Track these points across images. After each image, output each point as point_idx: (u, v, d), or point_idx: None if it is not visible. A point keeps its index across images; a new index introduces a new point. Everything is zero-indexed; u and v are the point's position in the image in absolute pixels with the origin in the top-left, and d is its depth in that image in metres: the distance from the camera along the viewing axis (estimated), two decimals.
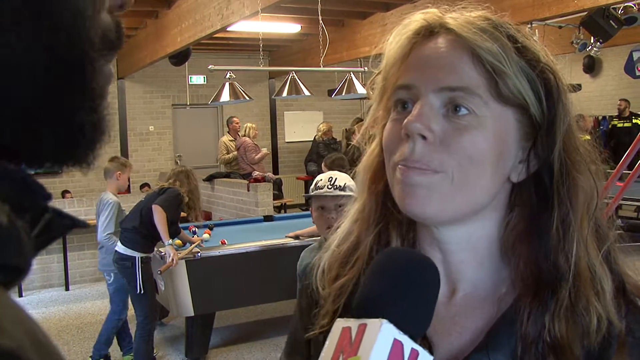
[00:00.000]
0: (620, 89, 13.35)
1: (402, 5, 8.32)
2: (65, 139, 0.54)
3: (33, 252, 0.52)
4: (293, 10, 8.91)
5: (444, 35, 0.80)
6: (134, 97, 12.68)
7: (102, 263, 5.46)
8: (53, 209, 0.54)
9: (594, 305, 0.76)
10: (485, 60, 0.77)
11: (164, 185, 5.31)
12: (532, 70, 0.78)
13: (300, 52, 11.82)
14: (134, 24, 9.99)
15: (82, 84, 0.54)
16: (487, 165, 0.77)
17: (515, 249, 0.82)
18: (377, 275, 0.71)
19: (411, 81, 0.80)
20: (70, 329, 6.57)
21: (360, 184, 0.92)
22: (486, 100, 0.77)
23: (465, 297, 0.84)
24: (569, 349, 0.75)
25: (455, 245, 0.83)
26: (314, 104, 13.72)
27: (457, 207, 0.78)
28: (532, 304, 0.78)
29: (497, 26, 0.79)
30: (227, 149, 10.58)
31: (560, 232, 0.78)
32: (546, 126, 0.79)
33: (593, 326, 0.75)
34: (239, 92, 7.02)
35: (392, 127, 0.82)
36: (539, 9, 6.70)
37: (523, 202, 0.82)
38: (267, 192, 8.41)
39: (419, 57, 0.81)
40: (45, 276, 8.23)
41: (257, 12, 6.26)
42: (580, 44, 8.71)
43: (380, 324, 0.64)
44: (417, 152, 0.77)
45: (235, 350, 5.82)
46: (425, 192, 0.77)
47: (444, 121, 0.77)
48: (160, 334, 6.33)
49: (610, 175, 4.09)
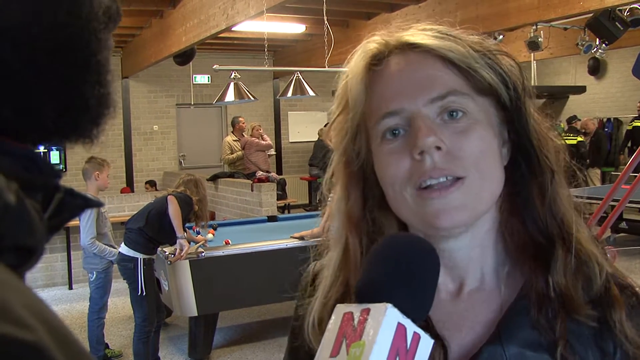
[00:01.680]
0: (625, 91, 13.32)
1: (407, 6, 8.32)
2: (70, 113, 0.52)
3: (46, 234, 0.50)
4: (298, 11, 8.92)
5: (402, 54, 0.82)
6: (138, 96, 12.69)
7: (85, 262, 5.44)
8: (65, 187, 0.52)
9: (590, 251, 0.82)
10: (457, 61, 0.80)
11: (174, 191, 5.19)
12: (490, 59, 0.82)
13: (304, 53, 11.83)
14: (138, 23, 10.01)
15: (87, 57, 0.52)
16: (495, 156, 0.81)
17: (507, 227, 0.86)
18: (378, 260, 0.72)
19: (397, 106, 0.80)
20: (74, 328, 6.57)
21: (337, 230, 0.89)
22: (472, 96, 0.80)
23: (473, 292, 0.86)
24: (574, 299, 0.78)
25: (462, 242, 0.84)
26: (319, 104, 13.71)
27: (485, 204, 0.81)
28: (535, 269, 0.82)
29: (444, 32, 0.83)
30: (231, 148, 10.58)
31: (546, 195, 0.83)
32: (516, 104, 0.83)
33: (596, 269, 0.80)
34: (243, 92, 7.02)
35: (391, 156, 0.81)
36: (545, 11, 6.69)
37: (506, 181, 0.85)
38: (271, 193, 8.42)
39: (388, 82, 0.82)
40: (49, 275, 8.24)
41: (262, 12, 6.26)
42: (585, 45, 8.71)
43: (385, 308, 0.64)
44: (438, 164, 0.77)
45: (238, 350, 5.82)
46: (462, 204, 0.78)
47: (445, 129, 0.79)
48: (164, 333, 6.33)
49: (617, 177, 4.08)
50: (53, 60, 0.50)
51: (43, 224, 0.49)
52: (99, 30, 0.53)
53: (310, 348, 0.86)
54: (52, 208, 0.51)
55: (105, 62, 0.55)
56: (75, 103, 0.52)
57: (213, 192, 9.72)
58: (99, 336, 5.46)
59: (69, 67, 0.51)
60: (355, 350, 0.63)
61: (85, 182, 5.41)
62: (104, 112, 0.55)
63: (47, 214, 0.50)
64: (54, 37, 0.49)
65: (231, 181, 9.43)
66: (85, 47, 0.52)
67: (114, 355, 5.67)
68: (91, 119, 0.54)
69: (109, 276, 5.45)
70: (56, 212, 0.51)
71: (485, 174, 0.79)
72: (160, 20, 9.29)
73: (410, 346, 0.64)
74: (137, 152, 12.62)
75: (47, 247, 2.15)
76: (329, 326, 0.67)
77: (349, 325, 0.65)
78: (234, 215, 8.73)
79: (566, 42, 9.57)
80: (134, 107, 12.60)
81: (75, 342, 0.45)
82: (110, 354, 5.62)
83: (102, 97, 0.54)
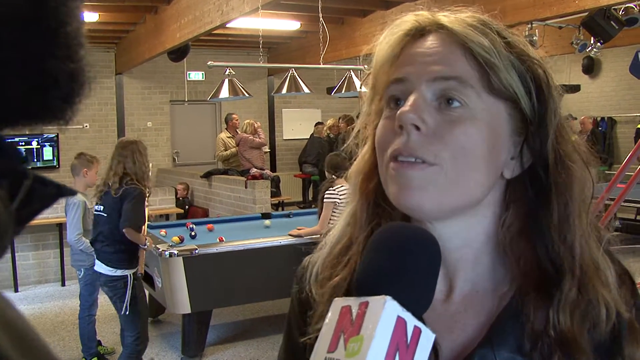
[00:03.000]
0: (619, 90, 13.36)
1: (403, 3, 8.30)
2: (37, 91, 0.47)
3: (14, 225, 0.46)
4: (293, 8, 8.89)
5: (435, 32, 0.82)
6: (132, 92, 12.65)
7: (73, 259, 5.41)
8: (34, 174, 0.47)
9: (601, 294, 0.77)
10: (476, 53, 0.78)
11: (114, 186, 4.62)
12: (521, 64, 0.80)
13: (299, 50, 11.80)
14: (133, 19, 9.97)
15: (54, 27, 0.47)
16: (481, 158, 0.77)
17: (513, 247, 0.82)
18: (376, 251, 0.70)
19: (404, 74, 0.80)
20: (66, 325, 6.55)
21: (352, 187, 0.91)
22: (478, 92, 0.78)
23: (464, 295, 0.84)
24: (576, 343, 0.75)
25: (451, 242, 0.82)
26: (313, 101, 13.70)
27: (453, 200, 0.78)
28: (536, 299, 0.78)
29: (485, 23, 0.81)
30: (225, 145, 10.55)
31: (560, 224, 0.79)
32: (538, 119, 0.79)
33: (603, 315, 0.76)
34: (238, 89, 7.01)
35: (385, 123, 0.82)
36: (540, 9, 6.69)
37: (518, 200, 0.82)
38: (265, 190, 8.40)
39: (410, 54, 0.82)
40: (41, 271, 8.21)
41: (257, 8, 6.24)
42: (580, 44, 8.71)
43: (384, 301, 0.62)
44: (411, 143, 0.76)
45: (232, 347, 5.80)
46: (420, 186, 0.76)
47: (437, 113, 0.77)
48: (157, 331, 6.32)
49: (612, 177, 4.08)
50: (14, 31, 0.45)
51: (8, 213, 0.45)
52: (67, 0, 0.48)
53: (305, 343, 0.85)
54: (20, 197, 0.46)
55: (76, 34, 0.49)
56: (42, 79, 0.47)
57: (207, 188, 9.70)
58: (91, 333, 5.44)
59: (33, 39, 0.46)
60: (353, 345, 0.61)
61: (73, 178, 5.41)
62: (77, 89, 0.50)
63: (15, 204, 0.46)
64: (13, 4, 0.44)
65: (225, 178, 9.41)
66: (52, 16, 0.46)
67: (106, 352, 5.65)
68: (62, 97, 0.49)
69: (97, 273, 5.40)
70: (26, 202, 0.47)
71: (461, 172, 0.76)
72: (155, 16, 9.25)
73: (410, 340, 0.62)
74: None
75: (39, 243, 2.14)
76: (326, 320, 0.65)
77: (346, 319, 0.63)
78: (228, 212, 8.71)
79: (561, 40, 9.57)
80: (128, 103, 12.55)
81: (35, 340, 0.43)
82: (103, 351, 5.61)
83: (74, 73, 0.49)
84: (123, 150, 4.67)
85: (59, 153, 11.85)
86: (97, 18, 9.42)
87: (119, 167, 4.62)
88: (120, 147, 4.73)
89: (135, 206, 4.59)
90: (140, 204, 4.65)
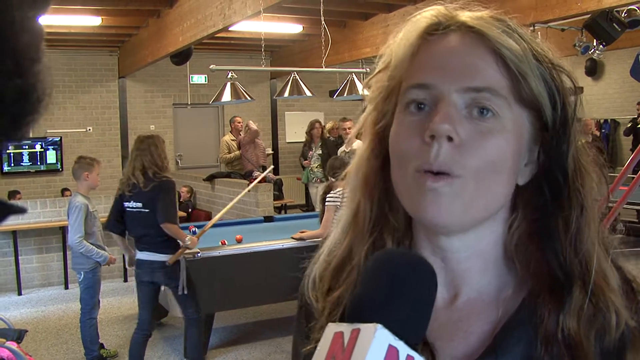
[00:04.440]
0: (622, 93, 13.34)
1: (405, 7, 8.31)
2: None
3: None
4: (295, 11, 8.91)
5: (460, 33, 0.78)
6: (135, 96, 12.67)
7: (74, 262, 5.41)
8: None
9: (611, 300, 0.76)
10: (508, 60, 0.75)
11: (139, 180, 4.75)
12: (548, 72, 0.77)
13: (302, 53, 11.82)
14: (135, 22, 9.99)
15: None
16: (506, 170, 0.76)
17: (519, 250, 0.80)
18: (370, 278, 0.68)
19: (430, 80, 0.76)
20: (70, 328, 6.55)
21: (351, 189, 0.87)
22: (509, 102, 0.75)
23: (469, 302, 0.82)
24: (582, 347, 0.74)
25: (461, 253, 0.81)
26: (315, 104, 13.70)
27: (476, 213, 0.76)
28: (549, 302, 0.77)
29: (511, 27, 0.78)
30: (229, 148, 10.53)
31: (576, 231, 0.77)
32: (560, 128, 0.78)
33: (613, 322, 0.75)
34: (240, 92, 7.01)
35: (407, 130, 0.77)
36: (542, 12, 6.69)
37: (527, 204, 0.81)
38: (268, 193, 8.40)
39: (434, 55, 0.78)
40: (45, 275, 8.22)
41: (259, 12, 6.25)
42: (582, 46, 8.70)
43: (375, 329, 0.61)
44: (442, 156, 0.73)
45: (234, 350, 5.80)
46: (448, 200, 0.74)
47: (467, 123, 0.74)
48: (160, 334, 6.32)
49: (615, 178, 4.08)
50: None
51: None
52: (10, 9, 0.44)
53: (305, 352, 0.84)
54: None
55: (26, 48, 0.46)
56: None
57: (210, 192, 9.70)
58: (93, 336, 5.44)
59: None
60: None
61: (75, 181, 5.44)
62: (28, 107, 0.47)
63: None
64: None
65: (228, 181, 9.41)
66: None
67: (109, 355, 5.65)
68: (10, 116, 0.46)
69: (97, 276, 5.42)
70: None
71: (484, 185, 0.75)
72: (157, 20, 9.27)
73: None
74: None
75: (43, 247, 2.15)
76: (319, 346, 0.64)
77: (338, 345, 0.62)
78: (231, 216, 8.70)
79: (563, 43, 9.56)
80: (131, 107, 12.58)
81: None
82: (105, 354, 5.61)
83: (23, 90, 0.46)
84: (141, 144, 4.82)
85: (63, 156, 11.88)
86: (100, 22, 9.45)
87: (137, 161, 4.77)
88: (138, 142, 4.88)
89: (170, 200, 4.82)
90: (173, 196, 4.92)
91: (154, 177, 4.74)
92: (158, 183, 4.75)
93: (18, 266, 7.91)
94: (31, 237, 8.02)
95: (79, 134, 12.12)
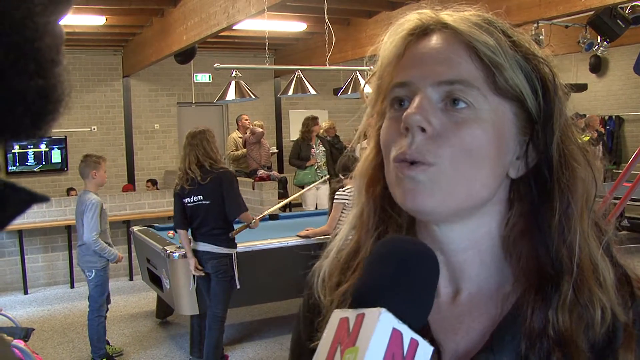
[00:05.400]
0: (626, 89, 13.31)
1: (408, 4, 8.31)
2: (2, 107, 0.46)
3: None
4: (299, 9, 8.91)
5: (438, 32, 0.81)
6: (140, 95, 12.70)
7: (83, 260, 5.43)
8: (6, 182, 0.48)
9: (597, 296, 0.76)
10: (481, 53, 0.77)
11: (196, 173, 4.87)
12: (527, 64, 0.79)
13: (305, 51, 11.82)
14: (139, 22, 10.01)
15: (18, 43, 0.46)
16: (486, 159, 0.77)
17: (516, 246, 0.82)
18: (374, 264, 0.70)
19: (408, 78, 0.79)
20: (76, 327, 6.58)
21: (357, 190, 0.90)
22: (484, 93, 0.77)
23: (470, 297, 0.84)
24: (574, 343, 0.74)
25: (457, 244, 0.82)
26: (319, 102, 13.71)
27: (458, 201, 0.77)
28: (535, 300, 0.77)
29: (490, 22, 0.80)
30: (236, 145, 10.49)
31: (562, 224, 0.78)
32: (543, 118, 0.79)
33: (597, 318, 0.75)
34: (244, 91, 7.02)
35: (390, 125, 0.81)
36: (546, 8, 6.68)
37: (522, 198, 0.82)
38: (272, 191, 8.41)
39: (414, 54, 0.81)
40: (51, 274, 8.25)
41: (263, 10, 6.26)
42: (586, 43, 8.68)
43: (379, 313, 0.63)
44: (415, 145, 0.76)
45: (239, 348, 5.82)
46: (425, 187, 0.76)
47: (442, 115, 0.77)
48: (165, 332, 6.34)
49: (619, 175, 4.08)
50: None
51: None
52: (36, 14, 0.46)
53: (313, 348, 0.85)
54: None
55: (48, 50, 0.48)
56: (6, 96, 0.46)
57: None
58: (100, 334, 5.48)
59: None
60: (349, 356, 0.61)
61: (83, 180, 5.47)
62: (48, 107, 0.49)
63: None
64: None
65: None
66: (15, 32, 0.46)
67: (114, 352, 5.67)
68: (31, 115, 0.48)
69: (106, 274, 5.47)
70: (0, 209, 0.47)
71: (462, 173, 0.76)
72: (161, 18, 9.29)
73: (407, 353, 0.62)
74: (138, 151, 12.62)
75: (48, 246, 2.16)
76: (325, 332, 0.66)
77: (344, 330, 0.64)
78: None
79: (567, 40, 9.54)
80: (135, 105, 12.60)
81: None
82: (111, 352, 5.63)
83: (44, 91, 0.48)
84: (192, 140, 4.93)
85: (68, 156, 11.91)
86: (104, 21, 9.47)
87: (191, 156, 4.90)
88: (189, 137, 4.98)
89: (235, 191, 5.00)
90: (237, 185, 5.05)
91: (211, 168, 4.87)
92: (217, 175, 4.87)
93: (24, 265, 7.94)
94: (37, 236, 8.06)
95: (83, 133, 12.15)
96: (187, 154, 4.92)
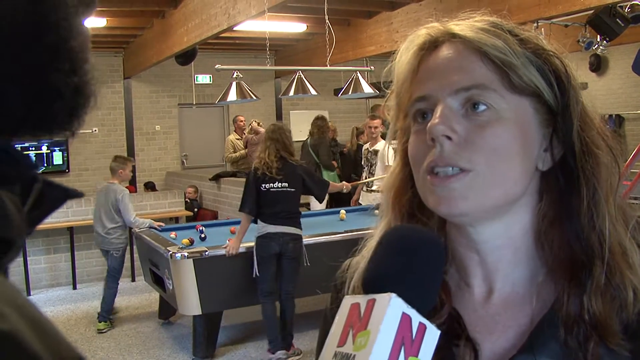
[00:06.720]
0: (626, 88, 13.31)
1: (408, 5, 8.33)
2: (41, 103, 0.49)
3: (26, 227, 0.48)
4: (299, 10, 8.92)
5: (448, 42, 0.83)
6: (140, 96, 12.71)
7: (110, 243, 6.53)
8: (43, 178, 0.50)
9: (628, 278, 0.78)
10: (492, 56, 0.79)
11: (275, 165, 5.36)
12: (538, 58, 0.81)
13: (306, 52, 11.83)
14: (140, 23, 10.03)
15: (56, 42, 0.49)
16: (514, 156, 0.79)
17: (547, 236, 0.83)
18: (384, 252, 0.73)
19: (427, 91, 0.82)
20: (78, 328, 6.60)
21: (385, 203, 0.93)
22: (501, 93, 0.79)
23: (504, 296, 0.85)
24: (608, 325, 0.76)
25: (492, 242, 0.84)
26: (320, 103, 13.72)
27: (494, 201, 0.80)
28: (569, 287, 0.79)
29: (496, 25, 0.83)
30: (234, 147, 10.55)
31: (590, 211, 0.80)
32: (561, 109, 0.81)
33: (630, 299, 0.77)
34: (245, 92, 7.03)
35: (416, 138, 0.84)
36: (545, 8, 6.69)
37: (550, 189, 0.84)
38: None
39: (428, 68, 0.84)
40: (53, 275, 8.27)
41: (264, 11, 6.28)
42: (586, 42, 8.68)
43: (389, 298, 0.65)
44: (445, 153, 0.78)
45: (242, 348, 5.84)
46: (461, 195, 0.78)
47: (465, 120, 0.79)
48: (168, 332, 6.36)
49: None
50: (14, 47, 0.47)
51: (22, 216, 0.47)
52: (69, 15, 0.49)
53: None
54: (31, 200, 0.49)
55: (80, 49, 0.51)
56: (45, 92, 0.49)
57: (215, 191, 9.74)
58: (109, 304, 6.49)
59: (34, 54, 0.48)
60: (361, 339, 0.64)
61: (112, 176, 6.65)
62: (82, 102, 0.52)
63: (27, 207, 0.48)
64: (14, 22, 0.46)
65: (233, 180, 9.43)
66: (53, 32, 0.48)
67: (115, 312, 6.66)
68: (67, 110, 0.51)
69: (125, 252, 6.73)
70: (36, 204, 0.50)
71: (496, 171, 0.78)
72: (162, 20, 9.31)
73: (415, 336, 0.65)
74: (139, 152, 12.63)
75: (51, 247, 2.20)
76: (336, 317, 0.69)
77: (355, 315, 0.67)
78: (237, 215, 8.72)
79: (567, 39, 9.55)
80: (136, 107, 12.61)
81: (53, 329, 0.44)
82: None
83: (79, 87, 0.51)
84: (272, 134, 5.49)
85: (69, 157, 11.92)
86: (104, 23, 9.48)
87: (271, 148, 5.42)
88: (270, 132, 5.56)
89: (318, 178, 6.27)
90: (318, 174, 6.11)
91: (290, 160, 5.45)
92: (299, 167, 5.55)
93: (26, 267, 7.96)
94: (39, 237, 8.08)
95: (84, 134, 12.15)
96: (267, 146, 5.44)
